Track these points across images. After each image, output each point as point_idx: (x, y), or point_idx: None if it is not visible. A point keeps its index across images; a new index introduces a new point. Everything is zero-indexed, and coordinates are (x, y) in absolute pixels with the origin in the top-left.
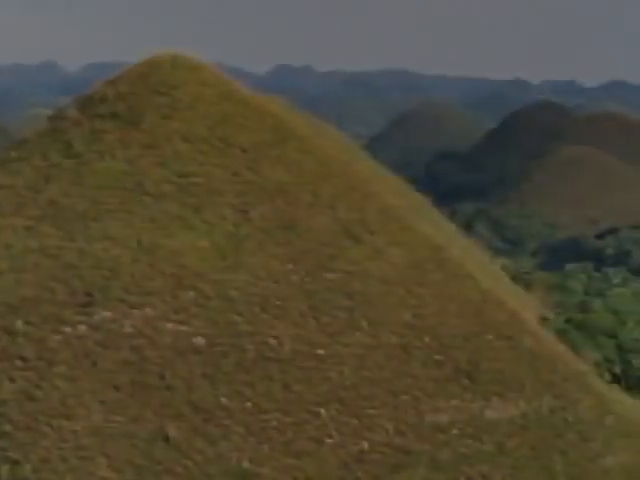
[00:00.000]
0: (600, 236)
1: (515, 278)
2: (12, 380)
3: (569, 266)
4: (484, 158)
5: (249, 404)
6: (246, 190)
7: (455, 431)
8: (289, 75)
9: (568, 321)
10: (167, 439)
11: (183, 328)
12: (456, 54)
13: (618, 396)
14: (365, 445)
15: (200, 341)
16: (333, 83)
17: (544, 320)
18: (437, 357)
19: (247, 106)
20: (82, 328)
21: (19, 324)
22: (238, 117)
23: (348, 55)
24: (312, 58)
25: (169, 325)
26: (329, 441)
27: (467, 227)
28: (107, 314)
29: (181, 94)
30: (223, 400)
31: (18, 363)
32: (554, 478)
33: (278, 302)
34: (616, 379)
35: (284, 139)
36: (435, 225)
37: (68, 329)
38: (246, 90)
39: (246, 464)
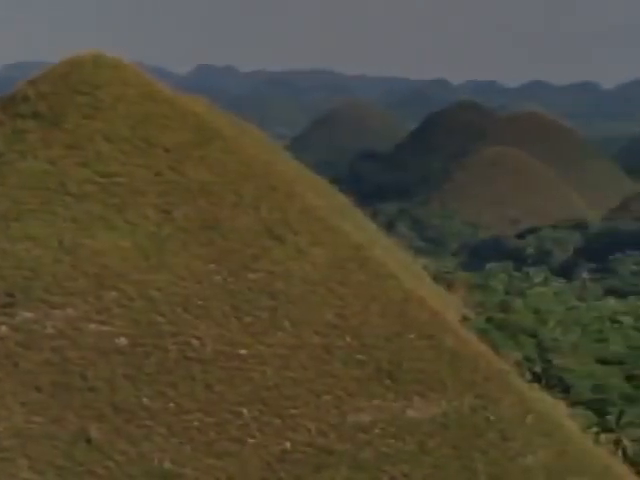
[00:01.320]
0: (521, 236)
1: (437, 278)
2: None
3: (490, 266)
4: (406, 158)
5: (171, 404)
6: (169, 190)
7: (377, 431)
8: (211, 75)
9: (489, 320)
10: (89, 440)
11: (105, 328)
12: (378, 54)
13: (538, 395)
14: (287, 445)
15: (122, 341)
16: (256, 83)
17: (465, 319)
18: (359, 357)
19: (170, 106)
20: (3, 329)
21: None
22: (161, 117)
23: (271, 55)
24: (234, 58)
25: (91, 326)
26: (251, 441)
27: (389, 227)
28: (28, 315)
29: (103, 94)
30: (145, 401)
31: None
32: (475, 477)
33: (201, 302)
34: (536, 378)
35: (207, 139)
36: (358, 225)
37: None
38: (168, 90)
39: (168, 465)
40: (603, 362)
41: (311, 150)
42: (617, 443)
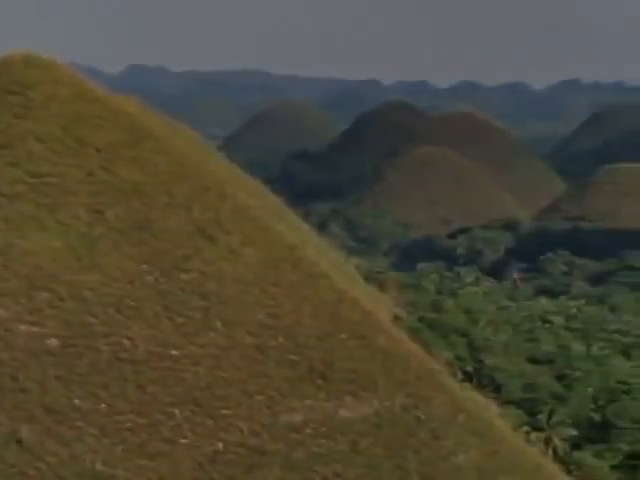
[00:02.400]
0: (452, 236)
1: (369, 278)
2: None
3: (421, 265)
4: (338, 158)
5: (103, 405)
6: (101, 190)
7: (309, 431)
8: (143, 75)
9: (421, 320)
10: (20, 441)
11: (37, 329)
12: (311, 54)
13: (470, 394)
14: (219, 445)
15: (54, 342)
16: (187, 83)
17: (397, 319)
18: (292, 357)
19: (102, 106)
20: None
21: None
22: (92, 117)
23: (203, 55)
24: (166, 58)
25: (22, 326)
26: (183, 442)
27: (322, 227)
28: None
29: (34, 93)
30: (77, 402)
31: None
32: (407, 476)
33: (133, 303)
34: (468, 377)
35: (139, 139)
36: (290, 225)
37: None
38: (100, 90)
39: (100, 466)
40: (534, 361)
41: (244, 150)
42: (548, 442)
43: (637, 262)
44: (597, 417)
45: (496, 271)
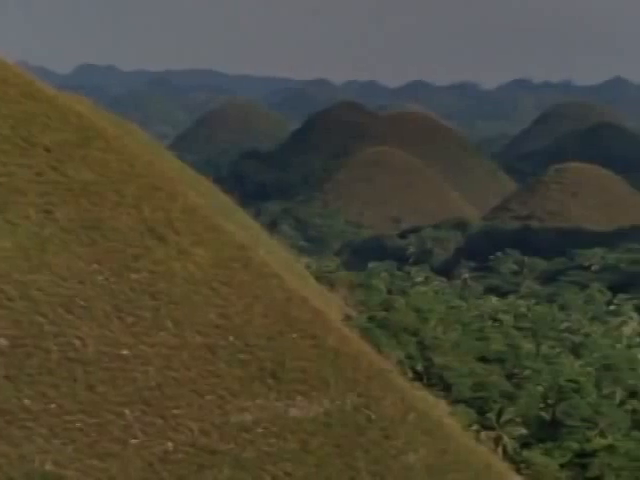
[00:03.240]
0: (402, 235)
1: (319, 277)
2: None
3: (372, 265)
4: (289, 158)
5: (53, 406)
6: (50, 190)
7: (260, 430)
8: (93, 74)
9: (371, 319)
10: None
11: None
12: (261, 54)
13: (420, 393)
14: (170, 445)
15: (3, 342)
16: (137, 83)
17: (348, 319)
18: (242, 356)
19: (51, 105)
20: None
21: None
22: (42, 116)
23: (152, 55)
24: (116, 58)
25: None
26: (134, 442)
27: (272, 226)
28: None
29: None
30: (26, 402)
31: None
32: (357, 475)
33: (83, 302)
34: (418, 377)
35: (89, 139)
36: (241, 224)
37: None
38: (50, 89)
39: (49, 466)
40: (484, 360)
41: (194, 150)
42: (497, 441)
43: (586, 261)
44: (547, 416)
45: (446, 270)
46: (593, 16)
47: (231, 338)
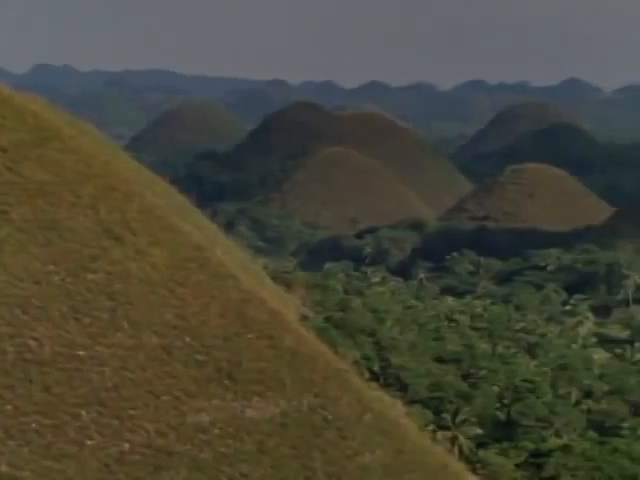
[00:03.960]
0: (359, 236)
1: (276, 278)
2: None
3: (329, 265)
4: (246, 158)
5: (8, 407)
6: (6, 190)
7: (216, 431)
8: (49, 74)
9: (328, 320)
10: None
11: None
12: (217, 54)
13: (376, 394)
14: (126, 446)
15: None
16: (94, 83)
17: (304, 319)
18: (199, 357)
19: (6, 105)
20: None
21: None
22: None
23: (109, 55)
24: (72, 58)
25: None
26: (90, 443)
27: (229, 227)
28: None
29: None
30: None
31: None
32: (313, 475)
33: (39, 303)
34: (375, 377)
35: (45, 139)
36: (197, 225)
37: None
38: (5, 89)
39: (5, 468)
40: (440, 361)
41: (150, 150)
42: (453, 441)
43: (542, 261)
44: (502, 416)
45: (403, 271)
46: (547, 17)
47: (187, 339)
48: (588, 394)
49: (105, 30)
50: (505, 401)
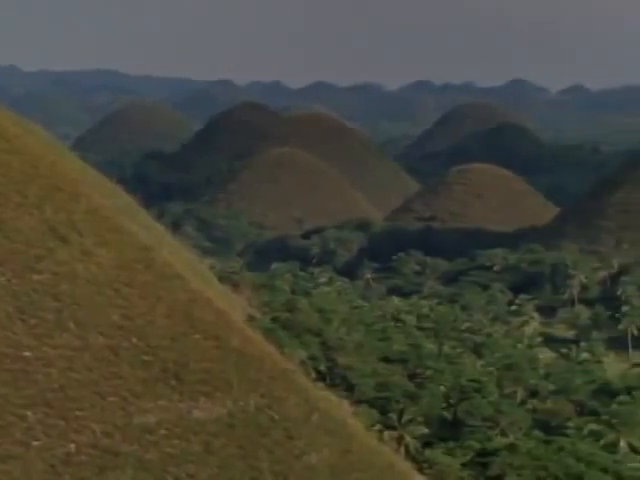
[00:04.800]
0: (306, 236)
1: (223, 278)
2: None
3: (276, 266)
4: (192, 158)
5: None
6: None
7: (163, 431)
8: None
9: (275, 320)
10: None
11: None
12: (163, 54)
13: (323, 394)
14: (72, 447)
15: None
16: (40, 83)
17: (251, 319)
18: (145, 358)
19: None
20: None
21: None
22: None
23: (55, 55)
24: (17, 57)
25: None
26: (35, 444)
27: (175, 227)
28: None
29: None
30: None
31: None
32: (260, 476)
33: None
34: (321, 377)
35: None
36: (144, 225)
37: None
38: None
39: None
40: (386, 361)
41: (97, 150)
42: (400, 440)
43: (488, 261)
44: (448, 415)
45: (349, 271)
46: (493, 18)
47: (134, 339)
48: (534, 393)
49: (52, 30)
50: (451, 401)
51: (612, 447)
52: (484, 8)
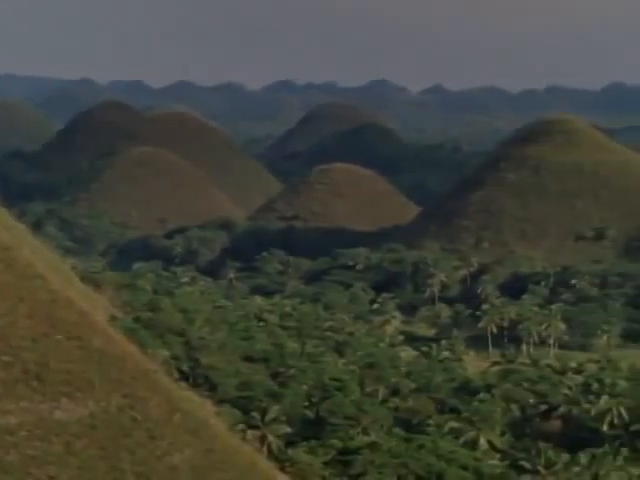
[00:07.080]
0: (169, 235)
1: (85, 278)
2: None
3: (138, 265)
4: (53, 158)
5: None
6: None
7: (24, 433)
8: None
9: (137, 320)
10: None
11: None
12: (23, 52)
13: (186, 394)
14: None
15: None
16: None
17: (113, 319)
18: (5, 358)
19: None
20: None
21: None
22: None
23: None
24: None
25: None
26: None
27: (37, 227)
28: None
29: None
30: None
31: None
32: (122, 476)
33: None
34: (184, 377)
35: None
36: (5, 225)
37: None
38: None
39: None
40: (249, 360)
41: None
42: (263, 440)
43: (350, 260)
44: (311, 414)
45: (212, 270)
46: (355, 18)
47: None
48: (395, 392)
49: None
50: (314, 399)
51: (472, 444)
52: (346, 9)
